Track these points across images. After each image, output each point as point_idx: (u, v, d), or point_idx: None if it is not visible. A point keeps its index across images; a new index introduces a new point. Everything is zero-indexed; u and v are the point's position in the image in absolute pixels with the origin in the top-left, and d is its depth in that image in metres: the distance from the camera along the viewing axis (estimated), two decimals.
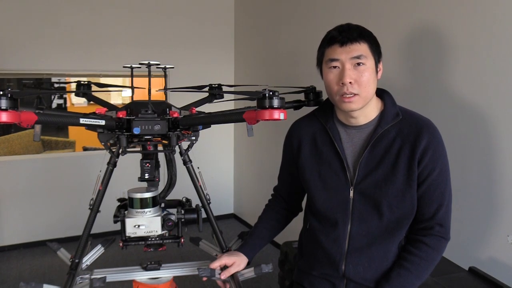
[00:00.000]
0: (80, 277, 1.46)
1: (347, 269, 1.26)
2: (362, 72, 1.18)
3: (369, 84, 1.19)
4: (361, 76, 1.18)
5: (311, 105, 1.55)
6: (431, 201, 1.21)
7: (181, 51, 4.25)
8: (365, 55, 1.18)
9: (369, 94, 1.20)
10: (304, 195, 1.48)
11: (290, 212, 1.52)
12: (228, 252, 1.45)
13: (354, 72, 1.18)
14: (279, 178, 1.52)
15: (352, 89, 1.18)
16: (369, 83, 1.19)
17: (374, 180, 1.21)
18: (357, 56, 1.17)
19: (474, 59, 1.98)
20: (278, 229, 1.50)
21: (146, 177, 1.41)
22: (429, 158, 1.18)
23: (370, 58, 1.19)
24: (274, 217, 1.50)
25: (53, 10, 3.74)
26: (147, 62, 1.39)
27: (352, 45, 1.17)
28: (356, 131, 1.26)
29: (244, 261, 1.40)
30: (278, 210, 1.51)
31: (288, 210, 1.51)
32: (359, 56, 1.17)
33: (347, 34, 1.18)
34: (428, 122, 1.23)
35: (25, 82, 4.03)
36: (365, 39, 1.19)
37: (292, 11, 3.48)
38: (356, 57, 1.17)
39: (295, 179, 1.41)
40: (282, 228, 1.51)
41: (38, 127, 1.19)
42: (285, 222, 1.52)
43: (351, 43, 1.17)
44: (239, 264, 1.38)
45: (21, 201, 3.88)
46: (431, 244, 1.22)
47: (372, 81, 1.20)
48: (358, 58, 1.17)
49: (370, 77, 1.19)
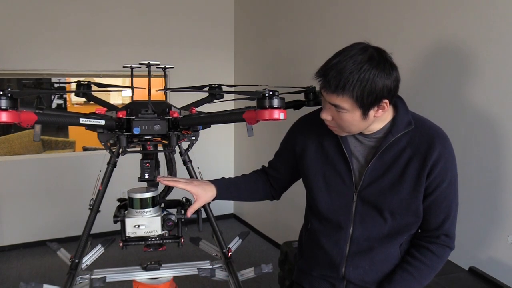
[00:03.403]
0: (80, 277, 1.47)
1: (347, 271, 1.26)
2: (342, 115, 1.10)
3: (352, 125, 1.12)
4: (339, 119, 1.12)
5: (311, 105, 1.55)
6: (438, 212, 1.19)
7: (181, 51, 4.25)
8: (344, 107, 1.08)
9: (354, 131, 1.16)
10: (287, 188, 1.46)
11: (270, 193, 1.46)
12: (198, 181, 1.34)
13: (334, 112, 1.12)
14: (271, 162, 1.47)
15: (331, 124, 1.17)
16: (351, 124, 1.12)
17: (379, 187, 1.19)
18: (334, 105, 1.09)
19: (474, 62, 1.98)
20: (253, 195, 1.43)
21: (146, 177, 1.41)
22: (439, 170, 1.14)
23: (352, 110, 1.08)
24: (256, 183, 1.43)
25: (53, 10, 3.74)
26: (147, 62, 1.39)
27: (330, 95, 1.08)
28: (365, 137, 1.21)
29: (209, 195, 1.31)
30: (264, 183, 1.44)
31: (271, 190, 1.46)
32: (336, 105, 1.09)
33: (325, 83, 1.07)
34: (440, 132, 1.18)
35: (25, 82, 4.03)
36: (345, 92, 1.04)
37: (292, 11, 3.48)
38: (334, 105, 1.09)
39: (290, 168, 1.39)
40: (255, 198, 1.44)
41: (38, 127, 1.19)
42: (263, 195, 1.45)
43: (330, 92, 1.07)
44: (202, 201, 1.30)
45: (21, 201, 3.87)
46: (436, 252, 1.21)
47: (356, 122, 1.11)
48: (335, 106, 1.09)
49: (352, 121, 1.11)
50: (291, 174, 1.41)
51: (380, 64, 1.05)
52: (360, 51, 1.06)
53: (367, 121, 1.12)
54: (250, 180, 1.44)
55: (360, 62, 1.04)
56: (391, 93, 1.09)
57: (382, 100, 1.08)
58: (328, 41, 3.05)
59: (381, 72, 1.05)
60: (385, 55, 1.08)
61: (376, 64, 1.04)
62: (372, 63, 1.04)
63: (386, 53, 1.09)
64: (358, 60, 1.04)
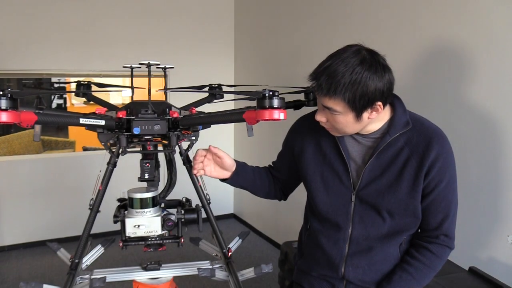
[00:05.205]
0: (80, 277, 1.47)
1: (346, 271, 1.26)
2: (335, 117, 1.11)
3: (346, 127, 1.13)
4: (333, 121, 1.13)
5: (311, 105, 1.55)
6: (437, 212, 1.19)
7: (181, 51, 4.25)
8: (337, 109, 1.09)
9: (349, 132, 1.17)
10: (293, 189, 1.47)
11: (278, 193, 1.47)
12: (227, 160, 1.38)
13: (328, 114, 1.13)
14: (275, 163, 1.48)
15: (326, 125, 1.17)
16: (345, 126, 1.13)
17: (377, 187, 1.19)
18: (328, 107, 1.10)
19: (474, 61, 1.98)
20: (260, 188, 1.45)
21: (146, 177, 1.41)
22: (437, 170, 1.14)
23: (344, 112, 1.09)
24: (264, 179, 1.44)
25: (53, 10, 3.74)
26: (147, 62, 1.39)
27: (323, 98, 1.09)
28: (362, 137, 1.22)
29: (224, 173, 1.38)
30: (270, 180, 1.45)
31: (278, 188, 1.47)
32: (329, 108, 1.10)
33: (317, 86, 1.08)
34: (438, 132, 1.17)
35: (25, 82, 4.04)
36: (336, 95, 1.05)
37: (292, 11, 3.48)
38: (327, 107, 1.10)
39: (290, 168, 1.39)
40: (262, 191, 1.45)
41: (38, 127, 1.19)
42: (270, 193, 1.46)
43: (323, 95, 1.09)
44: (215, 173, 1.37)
45: (21, 201, 3.87)
46: (436, 251, 1.21)
47: (350, 124, 1.12)
48: (329, 109, 1.10)
49: (346, 123, 1.12)
50: (292, 175, 1.41)
51: (372, 67, 1.05)
52: (352, 53, 1.06)
53: (361, 123, 1.13)
54: (261, 174, 1.44)
55: (352, 65, 1.04)
56: (384, 96, 1.08)
57: (375, 103, 1.08)
58: (328, 41, 3.05)
59: (373, 75, 1.04)
60: (378, 57, 1.08)
61: (368, 67, 1.04)
62: (364, 66, 1.04)
63: (379, 55, 1.09)
64: (350, 63, 1.04)
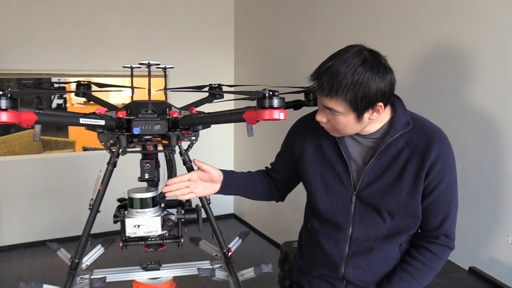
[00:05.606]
0: (80, 277, 1.47)
1: (346, 271, 1.26)
2: (336, 118, 1.11)
3: (347, 127, 1.13)
4: (334, 121, 1.12)
5: (311, 105, 1.55)
6: (437, 212, 1.18)
7: (181, 51, 4.25)
8: (338, 110, 1.08)
9: (349, 133, 1.16)
10: (292, 189, 1.46)
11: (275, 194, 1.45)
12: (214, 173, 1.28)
13: (329, 115, 1.12)
14: (273, 164, 1.47)
15: (326, 126, 1.17)
16: (346, 126, 1.12)
17: (377, 188, 1.19)
18: (329, 108, 1.09)
19: (473, 60, 1.98)
20: (255, 194, 1.41)
21: (146, 177, 1.41)
22: (437, 170, 1.13)
23: (346, 113, 1.08)
24: (261, 182, 1.42)
25: (53, 10, 3.74)
26: (147, 62, 1.39)
27: (324, 98, 1.09)
28: (363, 137, 1.21)
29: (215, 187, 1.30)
30: (268, 183, 1.43)
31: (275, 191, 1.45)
32: (330, 108, 1.09)
33: (318, 86, 1.07)
34: (438, 132, 1.17)
35: (25, 82, 4.03)
36: (338, 95, 1.04)
37: (292, 11, 3.48)
38: (328, 108, 1.10)
39: (290, 169, 1.38)
40: (257, 198, 1.42)
41: (38, 127, 1.19)
42: (266, 195, 1.43)
43: (324, 95, 1.08)
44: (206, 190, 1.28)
45: (21, 201, 3.87)
46: (436, 252, 1.21)
47: (351, 125, 1.11)
48: (330, 109, 1.10)
49: (346, 123, 1.11)
50: (291, 175, 1.41)
51: (374, 68, 1.04)
52: (354, 54, 1.05)
53: (362, 124, 1.12)
54: (253, 178, 1.42)
55: (354, 65, 1.03)
56: (385, 96, 1.08)
57: (376, 104, 1.07)
58: (328, 41, 3.05)
59: (375, 75, 1.04)
60: (380, 58, 1.07)
61: (370, 67, 1.03)
62: (366, 66, 1.03)
63: (380, 56, 1.09)
64: (351, 64, 1.03)
